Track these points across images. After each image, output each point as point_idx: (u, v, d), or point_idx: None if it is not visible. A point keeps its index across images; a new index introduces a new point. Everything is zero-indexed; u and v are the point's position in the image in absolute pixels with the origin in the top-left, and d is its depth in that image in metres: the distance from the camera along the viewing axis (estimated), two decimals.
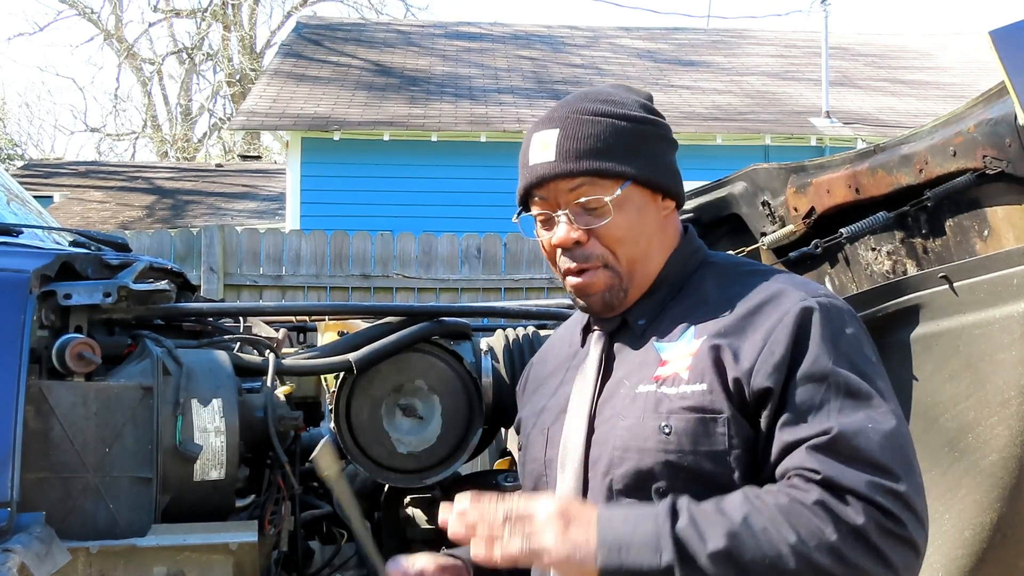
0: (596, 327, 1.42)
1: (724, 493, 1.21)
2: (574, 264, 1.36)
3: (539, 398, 1.51)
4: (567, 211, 1.34)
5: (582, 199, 1.33)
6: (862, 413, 1.17)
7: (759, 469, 1.23)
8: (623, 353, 1.37)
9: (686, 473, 1.22)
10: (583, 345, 1.45)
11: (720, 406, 1.22)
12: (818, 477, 1.13)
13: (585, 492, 1.30)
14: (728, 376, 1.23)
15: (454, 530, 1.19)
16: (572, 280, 1.37)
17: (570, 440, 1.34)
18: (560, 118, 1.37)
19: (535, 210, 1.40)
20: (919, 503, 1.14)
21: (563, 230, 1.35)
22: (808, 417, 1.17)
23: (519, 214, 1.45)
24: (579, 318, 1.52)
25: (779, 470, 1.19)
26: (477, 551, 1.16)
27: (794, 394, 1.19)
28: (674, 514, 1.14)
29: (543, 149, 1.36)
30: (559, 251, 1.37)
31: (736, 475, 1.22)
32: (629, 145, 1.35)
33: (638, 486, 1.25)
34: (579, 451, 1.32)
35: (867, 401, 1.18)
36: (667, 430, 1.23)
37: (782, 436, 1.19)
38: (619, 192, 1.33)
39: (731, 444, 1.22)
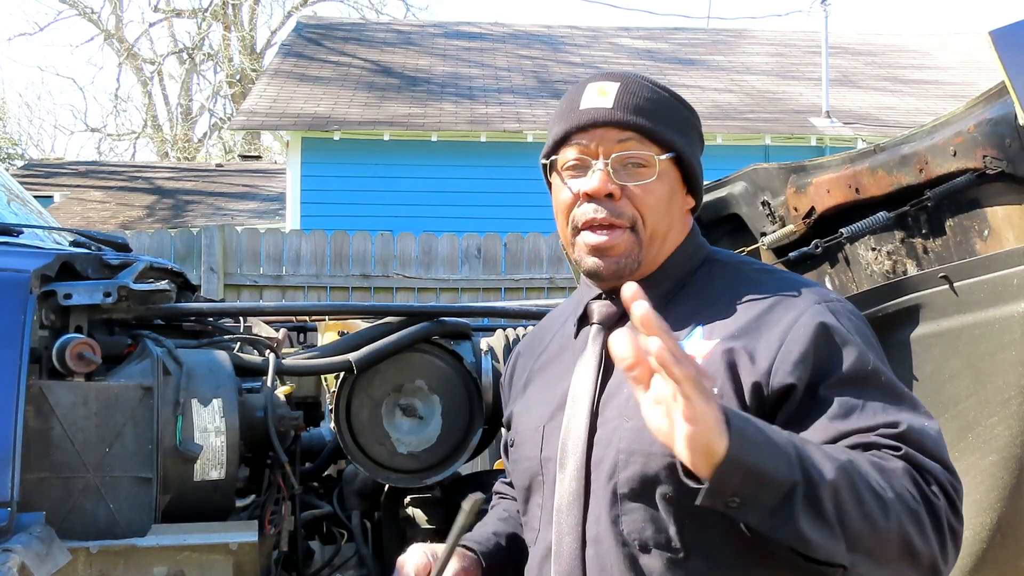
0: (595, 320, 1.37)
1: None
2: (602, 215, 1.30)
3: (531, 392, 1.45)
4: (608, 161, 1.30)
5: (628, 152, 1.30)
6: (908, 412, 1.17)
7: None
8: None
9: None
10: (576, 336, 1.40)
11: None
12: (901, 452, 1.12)
13: (587, 493, 1.26)
14: (743, 381, 1.20)
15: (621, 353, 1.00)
16: (591, 238, 1.31)
17: (570, 439, 1.29)
18: (621, 75, 1.36)
19: (571, 153, 1.34)
20: None
21: (599, 178, 1.30)
22: (864, 412, 1.15)
23: (549, 159, 1.38)
24: (570, 307, 1.47)
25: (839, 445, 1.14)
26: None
27: (839, 393, 1.16)
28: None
29: (599, 95, 1.33)
30: (583, 201, 1.32)
31: None
32: (679, 124, 1.35)
33: (643, 490, 1.21)
34: (580, 451, 1.27)
35: (912, 401, 1.19)
36: None
37: (837, 426, 1.15)
38: (666, 157, 1.31)
39: None
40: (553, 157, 1.37)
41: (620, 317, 1.34)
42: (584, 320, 1.40)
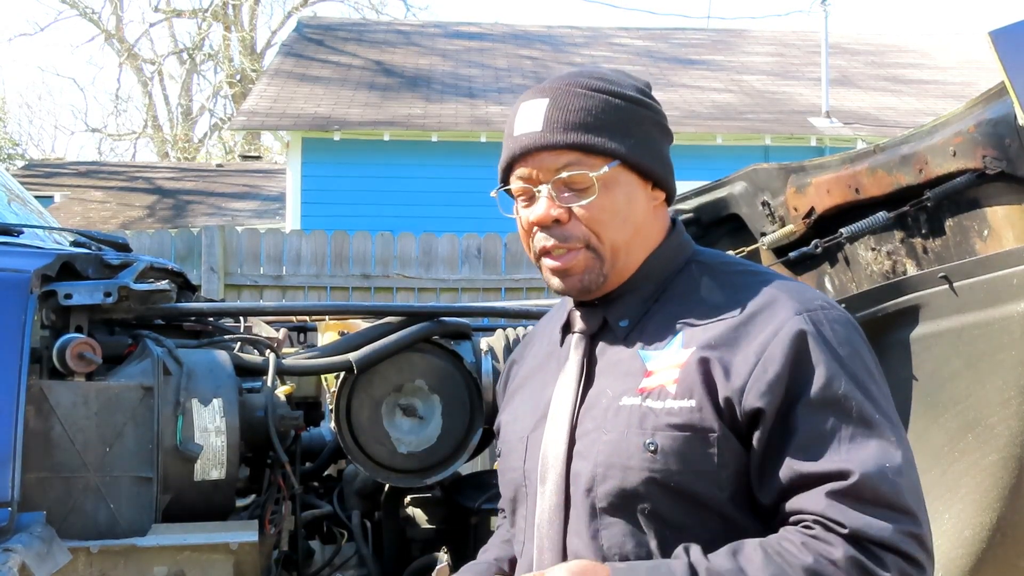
0: (576, 329, 1.34)
1: (713, 514, 1.17)
2: (551, 243, 1.26)
3: (518, 401, 1.43)
4: (549, 186, 1.26)
5: (565, 174, 1.25)
6: (874, 445, 1.12)
7: (751, 490, 1.18)
8: (605, 358, 1.30)
9: (673, 493, 1.17)
10: (562, 344, 1.37)
11: (710, 424, 1.16)
12: (844, 531, 1.09)
13: (567, 507, 1.24)
14: (719, 394, 1.17)
15: None
16: (549, 262, 1.28)
17: (550, 451, 1.27)
18: (550, 89, 1.30)
19: (515, 184, 1.31)
20: (931, 540, 1.14)
21: (543, 206, 1.26)
22: (821, 448, 1.12)
23: (499, 189, 1.36)
24: (558, 313, 1.45)
25: (792, 505, 1.14)
26: None
27: (804, 420, 1.14)
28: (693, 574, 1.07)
29: (530, 119, 1.27)
30: (536, 230, 1.28)
31: (726, 495, 1.17)
32: (621, 124, 1.28)
33: (622, 505, 1.19)
34: (560, 464, 1.25)
35: (878, 429, 1.14)
36: (652, 448, 1.17)
37: (794, 466, 1.13)
38: (606, 170, 1.25)
39: (721, 463, 1.16)
40: (509, 186, 1.34)
41: (602, 326, 1.32)
42: (568, 327, 1.37)
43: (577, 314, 1.35)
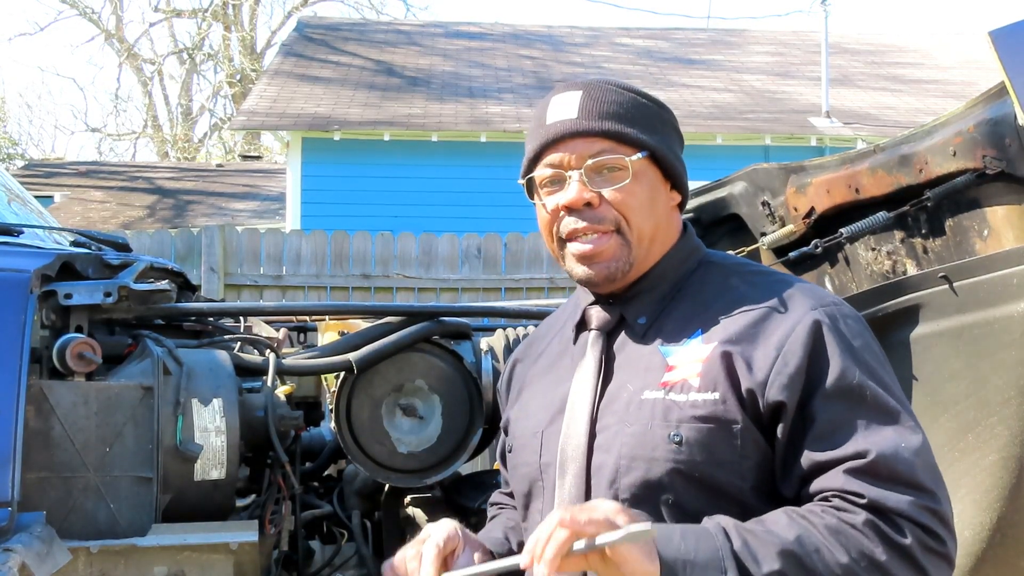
0: (593, 326, 1.36)
1: (735, 504, 1.19)
2: (582, 225, 1.29)
3: (529, 398, 1.44)
4: (580, 171, 1.29)
5: (600, 158, 1.29)
6: (891, 430, 1.16)
7: (772, 480, 1.21)
8: (624, 354, 1.32)
9: (697, 483, 1.20)
10: (575, 342, 1.40)
11: (733, 416, 1.19)
12: (863, 501, 1.12)
13: (588, 499, 1.25)
14: (741, 386, 1.20)
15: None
16: (578, 247, 1.31)
17: (570, 445, 1.29)
18: (583, 84, 1.35)
19: (544, 171, 1.33)
20: (952, 519, 1.16)
21: (575, 188, 1.29)
22: (838, 435, 1.16)
23: (524, 178, 1.38)
24: (567, 312, 1.47)
25: (812, 488, 1.17)
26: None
27: (822, 410, 1.17)
28: (726, 535, 1.11)
29: (563, 108, 1.32)
30: (563, 214, 1.31)
31: (749, 486, 1.20)
32: (648, 121, 1.33)
33: (646, 496, 1.21)
34: (581, 457, 1.27)
35: (894, 416, 1.17)
36: (677, 439, 1.20)
37: (812, 455, 1.17)
38: (638, 157, 1.30)
39: (744, 454, 1.19)
40: (531, 175, 1.36)
41: (618, 322, 1.35)
42: (583, 325, 1.39)
43: (593, 311, 1.38)
